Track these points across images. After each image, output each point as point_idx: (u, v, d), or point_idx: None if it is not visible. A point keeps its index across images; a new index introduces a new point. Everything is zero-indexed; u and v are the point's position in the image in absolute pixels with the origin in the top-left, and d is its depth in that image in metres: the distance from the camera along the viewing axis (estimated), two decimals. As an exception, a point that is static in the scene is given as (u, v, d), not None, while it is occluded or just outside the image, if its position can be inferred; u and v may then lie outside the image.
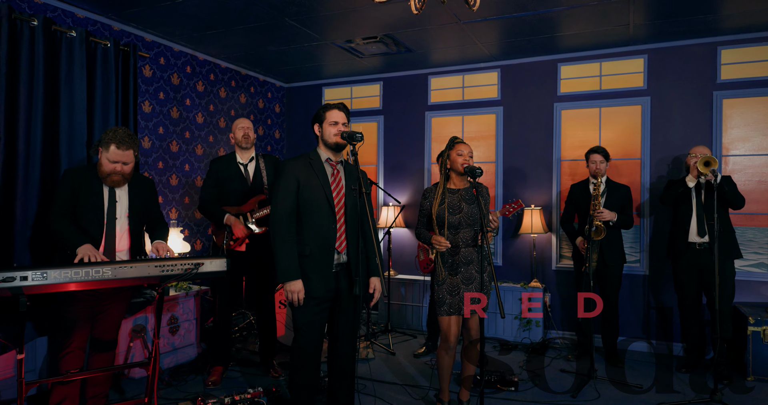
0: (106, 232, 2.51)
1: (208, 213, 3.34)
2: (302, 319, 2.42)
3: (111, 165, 2.45)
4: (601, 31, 3.86)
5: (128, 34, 3.84)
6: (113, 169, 2.46)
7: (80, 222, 2.48)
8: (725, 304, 3.36)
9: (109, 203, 2.53)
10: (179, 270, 2.43)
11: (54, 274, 2.15)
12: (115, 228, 2.53)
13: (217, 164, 3.40)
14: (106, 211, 2.51)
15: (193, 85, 4.43)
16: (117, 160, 2.44)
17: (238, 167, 3.40)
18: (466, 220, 2.67)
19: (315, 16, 3.61)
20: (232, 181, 3.37)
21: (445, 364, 2.76)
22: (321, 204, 2.42)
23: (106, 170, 2.46)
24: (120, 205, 2.56)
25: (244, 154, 3.43)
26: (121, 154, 2.44)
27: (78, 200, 2.48)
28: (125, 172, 2.50)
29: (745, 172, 3.91)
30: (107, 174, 2.47)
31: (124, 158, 2.46)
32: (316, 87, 5.47)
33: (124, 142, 2.43)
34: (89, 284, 2.21)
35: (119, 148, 2.43)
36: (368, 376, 3.49)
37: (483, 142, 4.76)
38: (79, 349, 2.49)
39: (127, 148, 2.45)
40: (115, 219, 2.53)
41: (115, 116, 3.57)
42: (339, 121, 2.46)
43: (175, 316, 3.71)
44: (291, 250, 2.37)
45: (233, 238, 3.29)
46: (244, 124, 3.42)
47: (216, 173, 3.37)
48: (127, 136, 2.45)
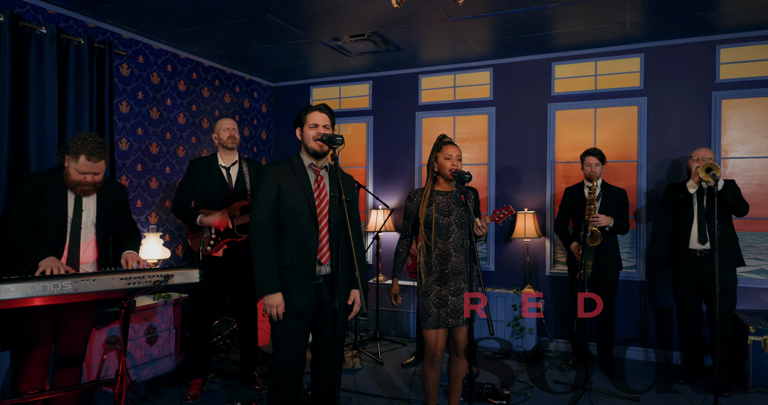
0: (69, 243, 2.34)
1: (182, 215, 3.18)
2: (282, 334, 2.27)
3: (80, 176, 2.29)
4: (597, 28, 3.72)
5: (104, 31, 3.68)
6: (82, 179, 2.29)
7: (41, 230, 2.31)
8: (726, 314, 3.23)
9: (74, 211, 2.36)
10: (147, 282, 2.27)
11: (8, 288, 2.00)
12: (80, 238, 2.36)
13: (197, 166, 3.23)
14: (71, 220, 2.35)
15: (175, 85, 4.26)
16: (87, 171, 2.28)
17: (220, 170, 3.24)
18: (456, 223, 2.53)
19: (299, 13, 3.46)
20: (213, 184, 3.20)
21: (431, 380, 2.62)
22: (303, 212, 2.27)
23: (74, 180, 2.30)
24: (86, 213, 2.39)
25: (227, 156, 3.27)
26: (91, 165, 2.28)
27: (39, 207, 2.31)
28: (96, 182, 2.34)
29: (744, 175, 3.79)
30: (75, 184, 2.30)
31: (95, 169, 2.29)
32: (303, 86, 5.32)
33: (95, 153, 2.26)
34: (47, 299, 2.06)
35: (89, 159, 2.26)
36: (354, 388, 3.34)
37: (475, 143, 4.62)
38: (40, 366, 2.34)
39: (99, 159, 2.28)
40: (80, 228, 2.37)
41: (90, 117, 3.41)
42: (320, 123, 2.30)
43: (153, 326, 3.55)
44: (270, 261, 2.23)
45: (210, 243, 3.13)
46: (230, 125, 3.25)
47: (195, 175, 3.20)
48: (98, 146, 2.28)
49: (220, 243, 3.16)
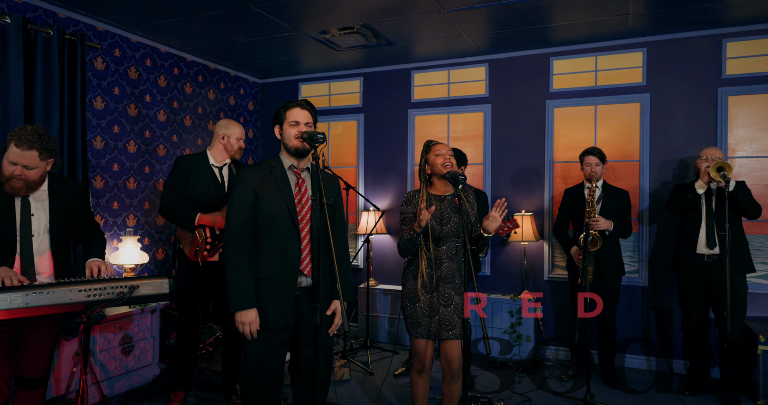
0: (20, 253, 2.12)
1: (176, 216, 2.88)
2: (254, 350, 2.07)
3: (10, 167, 2.07)
4: (598, 21, 3.54)
5: (76, 23, 3.46)
6: (12, 172, 2.07)
7: None
8: (736, 322, 3.06)
9: (22, 217, 2.14)
10: (110, 294, 2.07)
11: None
12: (32, 247, 2.15)
13: (188, 163, 2.94)
14: (19, 228, 2.13)
15: (154, 80, 4.05)
16: (16, 161, 2.06)
17: (212, 169, 3.00)
18: (453, 231, 2.34)
19: (283, 3, 3.26)
20: (205, 183, 2.94)
21: (420, 391, 2.43)
22: (283, 219, 2.06)
23: (5, 174, 2.08)
24: (36, 219, 2.17)
25: (221, 158, 3.02)
26: (20, 154, 2.05)
27: None
28: (28, 179, 2.11)
29: (752, 175, 3.62)
30: (6, 179, 2.08)
31: (25, 160, 2.07)
32: (292, 83, 5.11)
33: (25, 140, 2.04)
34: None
35: (19, 146, 2.05)
36: (342, 401, 3.15)
37: (470, 142, 4.43)
38: (2, 385, 2.13)
39: (29, 147, 2.05)
40: (31, 236, 2.15)
41: (60, 113, 3.21)
42: (301, 120, 2.10)
43: (129, 335, 3.35)
44: (246, 273, 2.02)
45: (206, 248, 2.87)
46: (241, 135, 3.02)
47: (186, 173, 2.91)
48: (32, 134, 2.07)
49: (217, 247, 2.91)
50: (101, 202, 3.65)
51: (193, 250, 2.87)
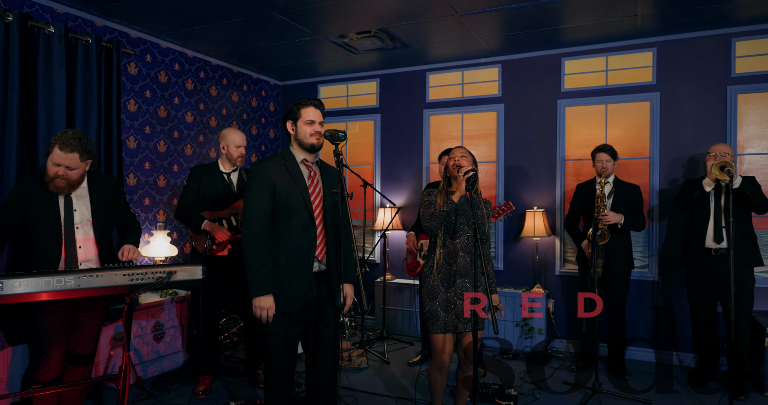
0: (65, 244, 2.35)
1: (187, 219, 3.20)
2: (272, 337, 2.25)
3: (54, 168, 2.29)
4: (607, 22, 3.64)
5: (111, 31, 3.70)
6: (56, 172, 2.29)
7: (32, 234, 2.34)
8: (743, 315, 3.13)
9: (66, 213, 2.36)
10: (150, 278, 2.27)
11: (14, 283, 2.01)
12: (75, 238, 2.37)
13: (200, 170, 3.27)
14: (63, 222, 2.36)
15: (182, 83, 4.28)
16: (60, 162, 2.28)
17: (222, 174, 3.28)
18: (467, 223, 2.52)
19: (305, 10, 3.44)
20: (216, 186, 3.24)
21: (438, 385, 2.58)
22: (299, 209, 2.23)
23: (50, 174, 2.31)
24: (79, 213, 2.40)
25: (229, 165, 3.30)
26: (63, 156, 2.27)
27: (30, 211, 2.32)
28: (70, 178, 2.33)
29: (761, 171, 3.68)
30: (50, 179, 2.31)
31: (67, 162, 2.29)
32: (311, 84, 5.31)
33: (68, 143, 2.26)
34: (53, 294, 2.07)
35: (62, 149, 2.27)
36: (360, 387, 3.31)
37: (483, 140, 4.56)
38: (57, 360, 2.38)
39: (71, 150, 2.27)
40: (74, 228, 2.38)
41: (98, 116, 3.44)
42: (316, 120, 2.27)
43: (160, 323, 3.57)
44: (264, 260, 2.19)
45: (216, 243, 3.14)
46: (242, 143, 3.26)
47: (199, 179, 3.23)
48: (73, 138, 2.29)
49: (223, 244, 3.16)
50: (134, 198, 3.89)
51: (202, 248, 3.14)
